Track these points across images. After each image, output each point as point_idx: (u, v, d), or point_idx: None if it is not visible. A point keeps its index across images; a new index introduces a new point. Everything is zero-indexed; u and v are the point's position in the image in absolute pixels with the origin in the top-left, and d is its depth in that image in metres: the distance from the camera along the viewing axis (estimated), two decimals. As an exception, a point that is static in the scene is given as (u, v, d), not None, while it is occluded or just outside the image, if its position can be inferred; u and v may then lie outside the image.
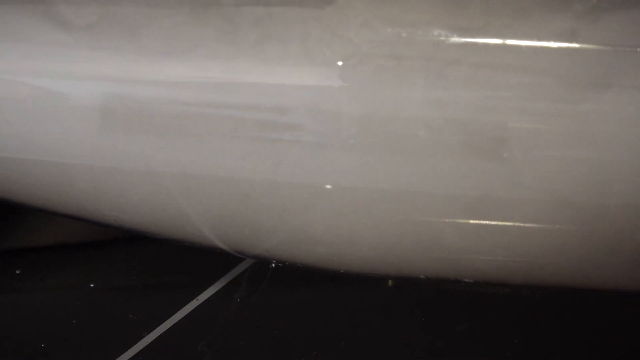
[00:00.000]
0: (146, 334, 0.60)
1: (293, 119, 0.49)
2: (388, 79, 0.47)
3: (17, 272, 0.68)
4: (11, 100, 0.51)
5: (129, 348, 0.59)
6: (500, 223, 0.49)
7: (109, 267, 0.69)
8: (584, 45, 0.46)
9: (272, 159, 0.49)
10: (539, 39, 0.46)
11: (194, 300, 0.63)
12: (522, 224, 0.49)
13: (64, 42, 0.50)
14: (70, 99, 0.51)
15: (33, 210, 0.59)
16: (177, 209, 0.53)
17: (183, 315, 0.62)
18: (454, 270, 0.53)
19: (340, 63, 0.48)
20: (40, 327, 0.63)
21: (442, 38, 0.47)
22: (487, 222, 0.49)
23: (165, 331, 0.61)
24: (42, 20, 0.51)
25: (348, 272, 0.55)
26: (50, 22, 0.51)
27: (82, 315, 0.63)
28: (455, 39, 0.47)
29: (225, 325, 0.61)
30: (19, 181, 0.55)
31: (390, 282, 0.63)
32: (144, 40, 0.50)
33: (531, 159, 0.47)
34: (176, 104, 0.50)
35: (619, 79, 0.46)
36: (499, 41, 0.47)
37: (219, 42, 0.49)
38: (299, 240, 0.53)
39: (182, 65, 0.49)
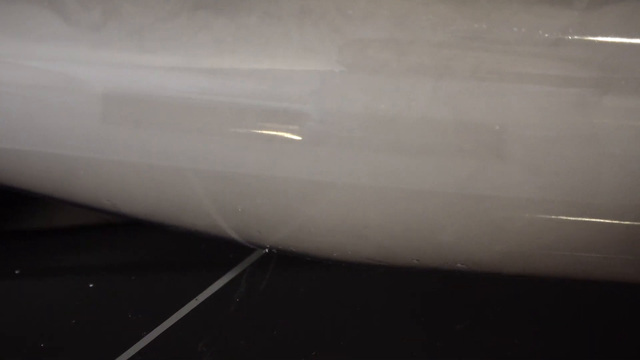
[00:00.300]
0: (146, 334, 0.60)
1: (293, 112, 0.49)
2: (390, 71, 0.47)
3: (17, 272, 0.68)
4: (16, 90, 0.52)
5: (129, 348, 0.59)
6: (500, 218, 0.49)
7: (109, 267, 0.69)
8: (587, 39, 0.46)
9: (273, 150, 0.49)
10: (542, 32, 0.46)
11: (194, 300, 0.63)
12: (522, 220, 0.49)
13: (68, 33, 0.51)
14: (74, 89, 0.51)
15: (34, 195, 0.59)
16: (182, 199, 0.53)
17: (182, 315, 0.62)
18: (454, 260, 0.53)
19: (341, 55, 0.48)
20: (39, 327, 0.63)
21: (445, 30, 0.47)
22: (487, 216, 0.49)
23: (165, 331, 0.61)
24: (47, 11, 0.51)
25: (346, 261, 0.55)
26: (56, 13, 0.51)
27: (81, 315, 0.63)
28: (459, 31, 0.47)
29: (225, 325, 0.61)
30: (23, 170, 0.55)
31: (390, 282, 0.63)
32: (144, 33, 0.50)
33: (533, 155, 0.47)
34: (177, 94, 0.50)
35: (623, 73, 0.46)
36: (502, 33, 0.47)
37: (218, 33, 0.49)
38: (298, 229, 0.53)
39: (182, 55, 0.49)
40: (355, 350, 0.60)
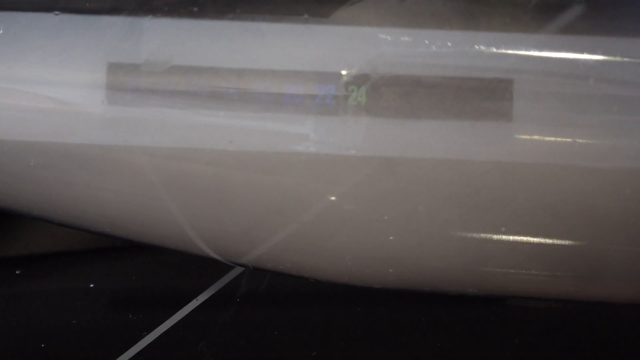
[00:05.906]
0: (146, 334, 0.60)
1: (298, 128, 0.48)
2: (393, 89, 0.47)
3: (17, 272, 0.68)
4: (8, 108, 0.51)
5: (129, 348, 0.59)
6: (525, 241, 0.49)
7: (110, 268, 0.69)
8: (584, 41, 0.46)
9: (277, 166, 0.49)
10: (541, 35, 0.46)
11: (194, 301, 0.63)
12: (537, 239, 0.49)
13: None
14: (67, 104, 0.51)
15: (30, 219, 0.59)
16: (176, 219, 0.53)
17: (183, 316, 0.62)
18: (463, 283, 0.52)
19: (344, 72, 0.48)
20: (40, 328, 0.63)
21: (443, 48, 0.47)
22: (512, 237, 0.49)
23: (165, 331, 0.61)
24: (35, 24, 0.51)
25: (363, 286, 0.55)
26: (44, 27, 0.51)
27: (82, 316, 0.63)
28: (454, 45, 0.47)
29: (225, 325, 0.61)
30: (16, 189, 0.54)
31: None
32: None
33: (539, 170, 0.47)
34: (170, 108, 0.49)
35: (621, 74, 0.46)
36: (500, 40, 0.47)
37: (220, 51, 0.49)
38: (312, 253, 0.52)
39: (179, 66, 0.49)
40: (355, 351, 0.60)
